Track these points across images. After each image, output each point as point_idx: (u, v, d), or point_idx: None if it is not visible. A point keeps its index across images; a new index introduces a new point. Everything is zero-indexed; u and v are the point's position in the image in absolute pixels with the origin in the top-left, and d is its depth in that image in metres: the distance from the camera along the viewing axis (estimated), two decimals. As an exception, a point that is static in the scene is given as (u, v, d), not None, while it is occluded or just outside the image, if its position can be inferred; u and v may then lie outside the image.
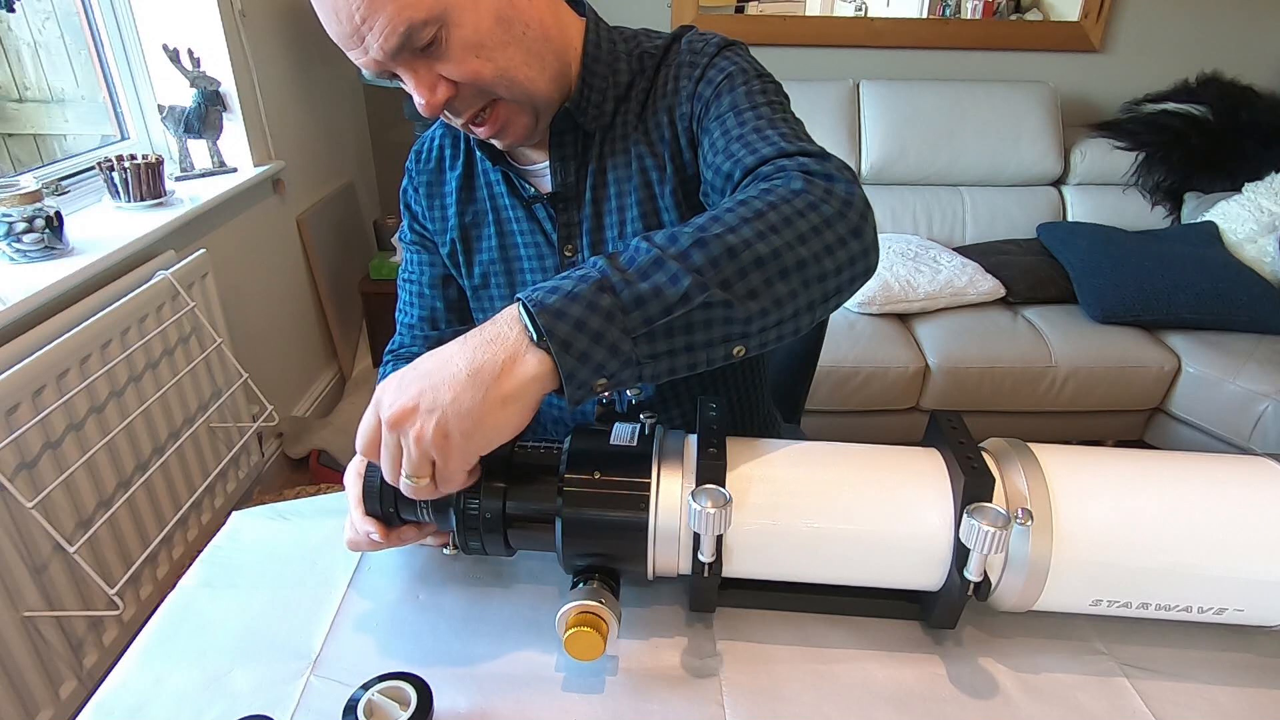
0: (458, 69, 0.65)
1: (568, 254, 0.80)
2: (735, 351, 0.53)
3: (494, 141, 0.74)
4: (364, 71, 0.66)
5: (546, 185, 0.80)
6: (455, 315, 0.90)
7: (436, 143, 0.86)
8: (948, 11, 2.48)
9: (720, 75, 0.72)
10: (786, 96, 0.73)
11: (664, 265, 0.50)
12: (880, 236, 2.62)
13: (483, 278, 0.85)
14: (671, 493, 0.56)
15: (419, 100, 0.66)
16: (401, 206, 0.90)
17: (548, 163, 0.78)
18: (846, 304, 2.01)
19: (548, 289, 0.50)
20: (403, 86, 0.67)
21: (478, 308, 0.88)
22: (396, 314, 0.92)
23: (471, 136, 0.78)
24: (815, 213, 0.54)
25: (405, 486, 0.52)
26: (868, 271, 0.57)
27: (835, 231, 0.54)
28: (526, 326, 0.50)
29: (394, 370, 0.65)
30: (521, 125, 0.72)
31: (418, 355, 0.65)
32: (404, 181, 0.88)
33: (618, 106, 0.76)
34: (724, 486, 0.53)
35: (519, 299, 0.51)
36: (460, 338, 0.51)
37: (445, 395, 0.48)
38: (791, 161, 0.59)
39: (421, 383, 0.50)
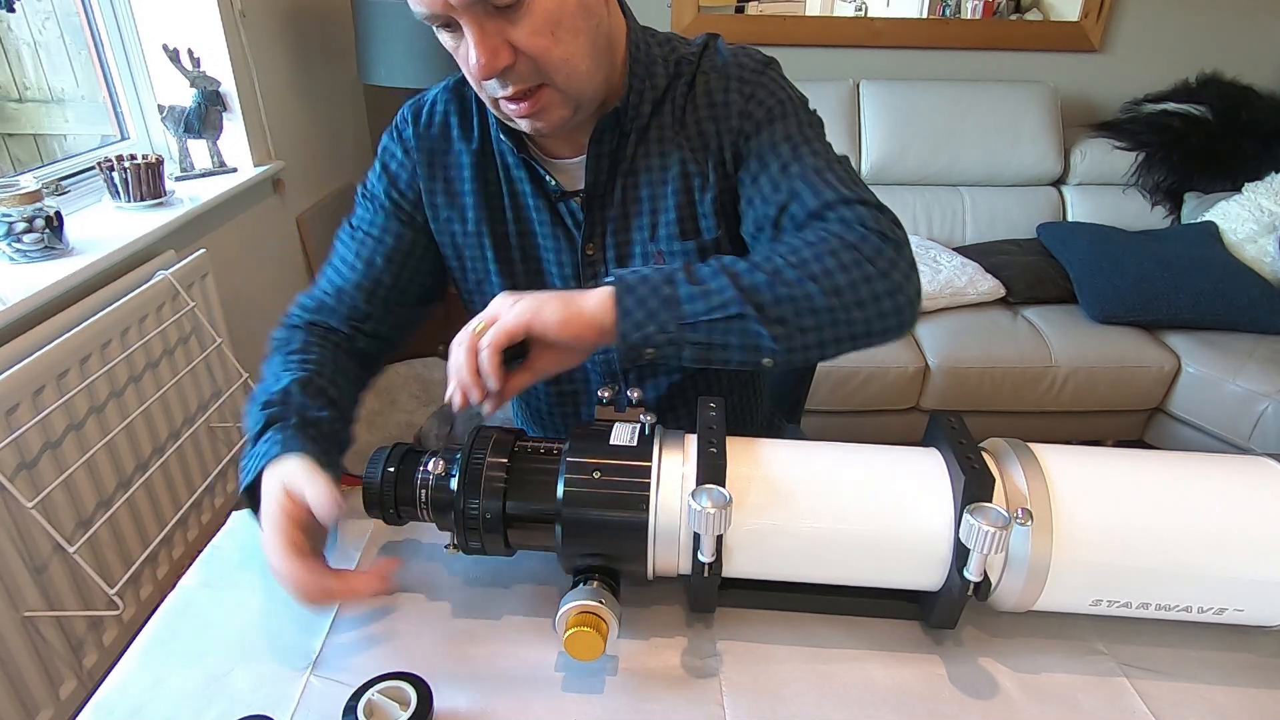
0: (529, 40, 0.62)
1: (589, 252, 0.79)
2: (764, 361, 0.63)
3: (525, 123, 0.70)
4: (416, 9, 0.62)
5: (570, 181, 0.78)
6: (396, 294, 0.83)
7: (440, 109, 0.80)
8: (948, 11, 2.48)
9: (771, 99, 0.74)
10: (822, 123, 0.76)
11: (719, 277, 0.62)
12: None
13: (499, 264, 0.82)
14: (671, 493, 0.56)
15: (476, 60, 0.62)
16: (378, 164, 0.82)
17: (575, 159, 0.77)
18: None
19: (632, 270, 0.63)
20: (444, 40, 0.65)
21: (477, 292, 0.84)
22: (325, 267, 0.83)
23: (496, 122, 0.76)
24: (859, 269, 0.63)
25: (464, 337, 0.62)
26: (901, 326, 0.65)
27: (872, 288, 0.63)
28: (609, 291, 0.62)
29: (279, 372, 0.73)
30: (559, 115, 0.69)
31: (313, 353, 0.77)
32: (387, 140, 0.82)
33: (654, 109, 0.76)
34: (724, 486, 0.53)
35: (611, 273, 0.64)
36: None
37: (539, 293, 0.62)
38: (852, 212, 0.67)
39: (527, 293, 0.63)
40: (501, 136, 0.76)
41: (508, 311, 0.61)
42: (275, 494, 0.59)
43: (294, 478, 0.59)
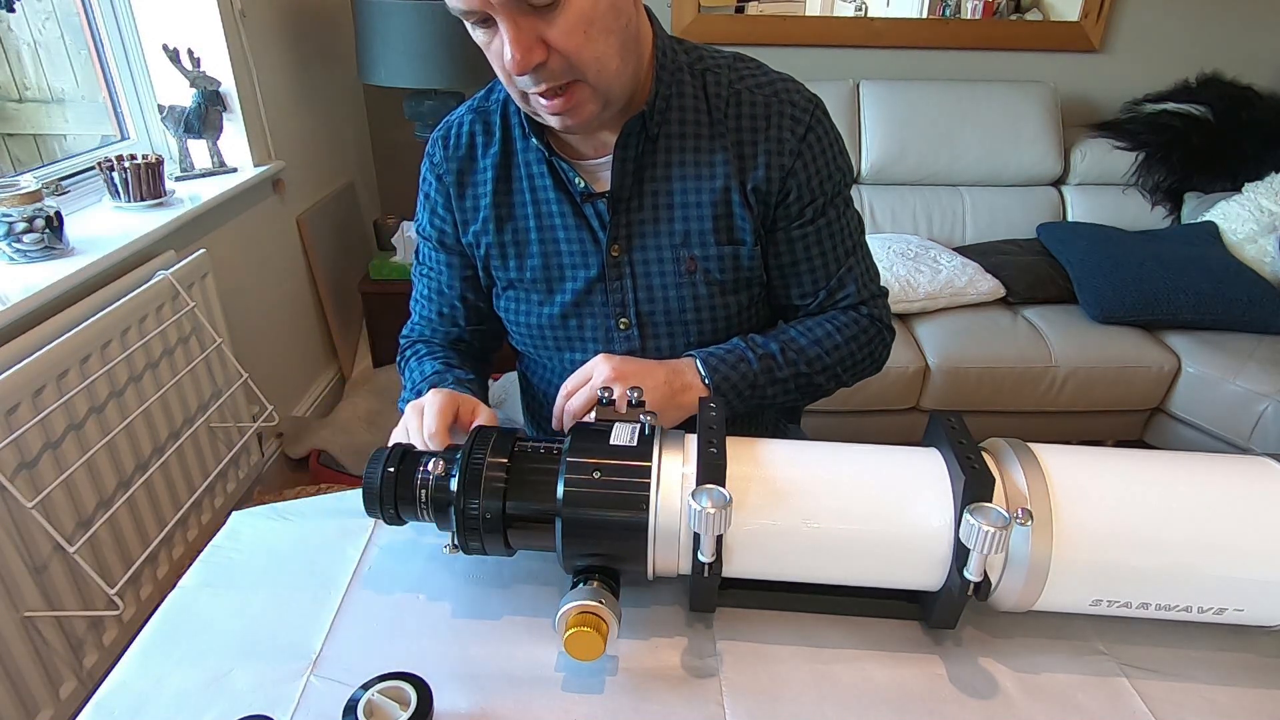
0: (563, 38, 0.64)
1: (614, 253, 0.80)
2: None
3: (556, 120, 0.71)
4: (453, 6, 0.64)
5: (596, 182, 0.79)
6: (473, 315, 0.90)
7: (465, 129, 0.83)
8: (948, 11, 2.48)
9: (829, 164, 0.80)
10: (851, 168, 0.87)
11: (790, 377, 0.81)
12: (880, 236, 2.57)
13: (519, 270, 0.83)
14: (671, 493, 0.56)
15: (511, 56, 0.63)
16: (420, 195, 0.86)
17: (600, 160, 0.78)
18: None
19: (725, 373, 0.78)
20: (476, 36, 0.67)
21: (510, 297, 0.86)
22: (412, 302, 0.92)
23: (521, 129, 0.78)
24: (853, 358, 0.84)
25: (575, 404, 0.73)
26: (872, 374, 0.89)
27: (862, 367, 0.86)
28: (700, 374, 0.77)
29: (418, 361, 0.86)
30: (589, 112, 0.70)
31: (439, 350, 0.90)
32: (424, 169, 0.85)
33: (683, 115, 0.77)
34: (724, 486, 0.53)
35: (693, 355, 0.78)
36: (654, 360, 0.77)
37: (649, 379, 0.74)
38: (865, 309, 0.86)
39: (636, 366, 0.74)
40: (532, 142, 0.78)
41: (607, 380, 0.71)
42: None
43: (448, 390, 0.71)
